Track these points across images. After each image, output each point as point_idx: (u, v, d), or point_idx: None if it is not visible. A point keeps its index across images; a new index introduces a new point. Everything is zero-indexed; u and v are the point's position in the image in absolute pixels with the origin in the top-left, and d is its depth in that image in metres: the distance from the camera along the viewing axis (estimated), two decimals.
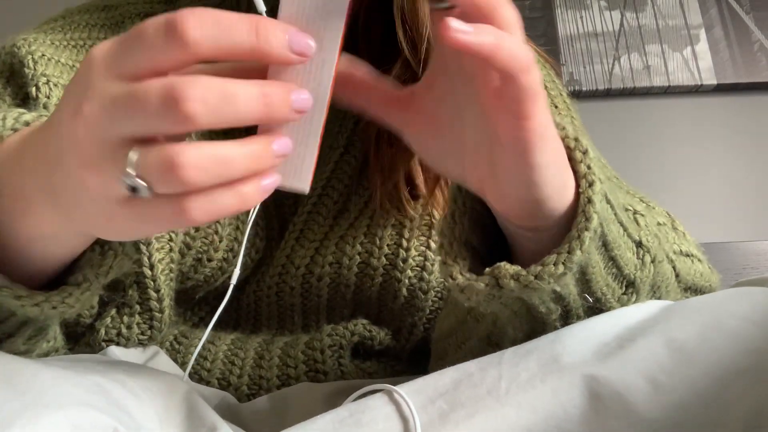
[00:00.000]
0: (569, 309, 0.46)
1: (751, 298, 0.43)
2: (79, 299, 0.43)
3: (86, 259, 0.44)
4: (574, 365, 0.41)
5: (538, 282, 0.41)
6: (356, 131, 0.66)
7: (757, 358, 0.39)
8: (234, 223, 0.63)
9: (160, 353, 0.63)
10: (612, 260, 0.45)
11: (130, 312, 0.61)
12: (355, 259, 0.63)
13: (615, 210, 0.45)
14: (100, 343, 0.61)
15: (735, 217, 1.45)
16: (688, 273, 0.54)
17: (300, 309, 0.66)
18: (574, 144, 0.43)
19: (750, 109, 1.53)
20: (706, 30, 1.55)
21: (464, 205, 0.46)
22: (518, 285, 0.41)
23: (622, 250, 0.46)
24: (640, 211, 0.49)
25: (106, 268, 0.44)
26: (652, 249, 0.48)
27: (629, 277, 0.47)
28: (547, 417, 0.40)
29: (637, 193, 0.66)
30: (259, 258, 0.66)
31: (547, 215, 0.42)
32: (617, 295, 0.47)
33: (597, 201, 0.41)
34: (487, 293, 0.42)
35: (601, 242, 0.44)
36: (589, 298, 0.45)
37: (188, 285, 0.64)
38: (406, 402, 0.42)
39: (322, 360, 0.61)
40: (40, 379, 0.37)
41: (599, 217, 0.41)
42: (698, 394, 0.39)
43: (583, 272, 0.44)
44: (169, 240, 0.59)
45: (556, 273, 0.41)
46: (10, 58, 0.62)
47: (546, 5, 1.57)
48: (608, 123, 1.48)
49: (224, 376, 0.63)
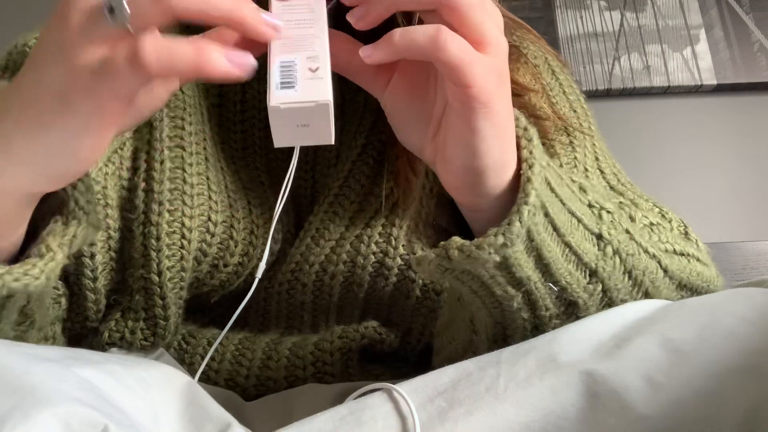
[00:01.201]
0: (533, 298, 0.47)
1: (748, 299, 0.43)
2: (44, 270, 0.43)
3: (49, 229, 0.44)
4: (572, 364, 0.42)
5: (479, 252, 0.43)
6: (374, 131, 0.66)
7: (754, 358, 0.39)
8: (249, 227, 0.63)
9: (165, 355, 0.63)
10: (568, 246, 0.47)
11: (135, 317, 0.61)
12: (370, 259, 0.63)
13: (561, 200, 0.47)
14: (103, 346, 0.61)
15: (735, 217, 1.46)
16: (682, 271, 0.54)
17: (310, 307, 0.66)
18: (522, 132, 0.46)
19: (750, 109, 1.53)
20: (706, 30, 1.55)
21: (431, 191, 0.49)
22: (462, 255, 0.44)
23: (578, 239, 0.47)
24: (608, 208, 0.51)
25: (69, 237, 0.44)
26: (615, 242, 0.49)
27: (590, 265, 0.48)
28: (545, 415, 0.40)
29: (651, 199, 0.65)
30: (274, 259, 0.66)
31: (487, 192, 0.45)
32: (582, 285, 0.48)
33: (535, 181, 0.44)
34: (438, 264, 0.45)
35: (549, 225, 0.46)
36: (553, 287, 0.47)
37: (203, 290, 0.64)
38: (405, 400, 0.42)
39: (330, 362, 0.61)
40: (30, 375, 0.37)
41: (538, 195, 0.44)
42: (695, 393, 0.39)
43: (539, 255, 0.46)
44: (181, 248, 0.59)
45: (495, 243, 0.43)
46: (21, 58, 0.62)
47: (546, 5, 1.57)
48: (608, 123, 1.48)
49: (232, 376, 0.63)
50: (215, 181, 0.62)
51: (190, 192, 0.60)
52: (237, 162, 0.66)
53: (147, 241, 0.58)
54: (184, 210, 0.59)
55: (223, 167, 0.64)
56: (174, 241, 0.59)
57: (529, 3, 1.56)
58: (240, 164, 0.66)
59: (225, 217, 0.62)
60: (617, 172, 0.70)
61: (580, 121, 0.70)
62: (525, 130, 0.46)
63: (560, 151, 0.66)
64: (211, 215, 0.61)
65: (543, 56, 0.73)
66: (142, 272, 0.59)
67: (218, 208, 0.61)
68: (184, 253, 0.59)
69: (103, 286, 0.59)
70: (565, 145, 0.67)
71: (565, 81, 0.73)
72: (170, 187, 0.59)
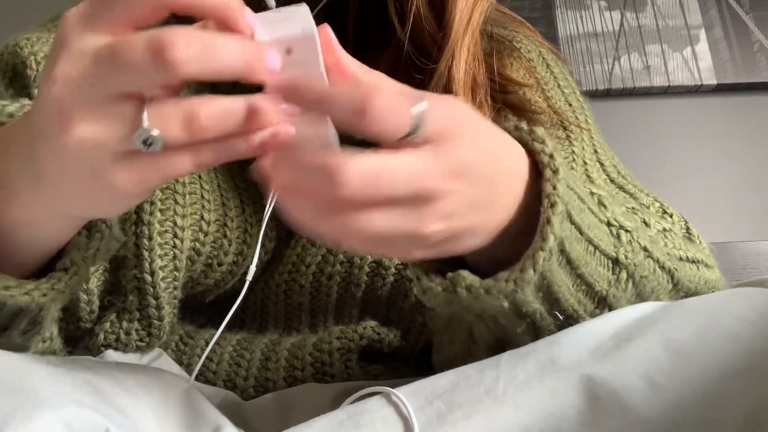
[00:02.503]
0: (538, 325, 0.46)
1: (749, 299, 0.43)
2: (68, 284, 0.44)
3: (73, 243, 0.45)
4: (572, 366, 0.41)
5: (487, 296, 0.42)
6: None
7: (754, 359, 0.39)
8: (242, 226, 0.63)
9: (163, 355, 0.62)
10: (580, 278, 0.46)
11: (129, 317, 0.60)
12: (367, 259, 0.63)
13: (580, 229, 0.45)
14: (98, 347, 0.61)
15: (735, 217, 1.45)
16: (691, 280, 0.54)
17: (308, 308, 0.65)
18: (547, 161, 0.43)
19: (750, 109, 1.52)
20: (706, 30, 1.55)
21: None
22: (470, 296, 0.42)
23: (592, 268, 0.46)
24: (627, 227, 0.49)
25: (93, 251, 0.45)
26: (632, 266, 0.48)
27: (601, 293, 0.47)
28: (545, 417, 0.40)
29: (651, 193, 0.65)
30: (269, 259, 0.65)
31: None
32: (589, 311, 0.47)
33: (556, 223, 0.42)
34: (444, 297, 0.43)
35: (564, 259, 0.44)
36: (559, 316, 0.46)
37: (198, 290, 0.63)
38: (403, 403, 0.42)
39: (329, 363, 0.61)
40: (32, 378, 0.37)
41: (557, 237, 0.42)
42: (696, 394, 0.39)
43: (548, 291, 0.44)
44: (173, 247, 0.59)
45: (506, 290, 0.42)
46: (12, 59, 0.62)
47: (546, 5, 1.57)
48: (608, 123, 1.48)
49: (230, 377, 0.63)
50: (207, 180, 0.62)
51: (182, 191, 0.59)
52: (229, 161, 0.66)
53: (139, 240, 0.58)
54: (176, 209, 0.59)
55: (215, 167, 0.64)
56: (166, 240, 0.58)
57: (529, 3, 1.56)
58: (232, 163, 0.66)
59: (218, 216, 0.61)
60: (616, 164, 0.69)
61: (576, 114, 0.70)
62: (551, 157, 0.43)
63: (557, 145, 0.65)
64: (204, 214, 0.60)
65: (537, 50, 0.73)
66: (135, 272, 0.58)
67: (211, 207, 0.61)
68: (177, 252, 0.59)
69: (96, 287, 0.59)
70: (562, 140, 0.66)
71: (560, 74, 0.72)
72: (162, 187, 0.59)
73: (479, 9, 0.60)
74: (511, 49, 0.69)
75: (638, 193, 0.65)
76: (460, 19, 0.59)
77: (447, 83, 0.59)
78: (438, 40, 0.60)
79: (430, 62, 0.60)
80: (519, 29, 0.73)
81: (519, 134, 0.45)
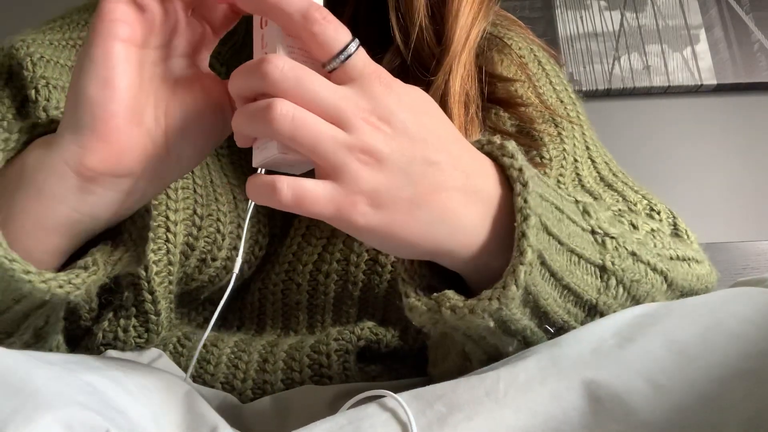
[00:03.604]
0: (529, 341, 0.46)
1: (751, 299, 0.42)
2: (85, 282, 0.45)
3: (99, 247, 0.46)
4: (573, 367, 0.41)
5: (472, 316, 0.42)
6: None
7: (758, 361, 0.39)
8: (236, 221, 0.63)
9: (162, 356, 0.62)
10: (567, 288, 0.46)
11: (126, 315, 0.60)
12: (363, 256, 0.63)
13: (560, 240, 0.45)
14: (98, 347, 0.60)
15: (735, 217, 1.45)
16: (684, 278, 0.54)
17: (306, 307, 0.65)
18: (516, 175, 0.43)
19: (750, 109, 1.52)
20: (706, 30, 1.54)
21: None
22: (454, 316, 0.43)
23: (578, 277, 0.46)
24: (612, 234, 0.49)
25: (115, 259, 0.46)
26: (620, 271, 0.48)
27: (591, 302, 0.47)
28: (546, 420, 0.39)
29: (640, 190, 0.65)
30: (263, 255, 0.65)
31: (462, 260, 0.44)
32: (580, 319, 0.47)
33: (531, 236, 0.42)
34: (429, 317, 0.44)
35: (547, 272, 0.44)
36: (550, 329, 0.46)
37: (193, 286, 0.63)
38: (403, 407, 0.41)
39: (327, 364, 0.61)
40: (32, 379, 0.37)
41: (534, 250, 0.42)
42: (699, 396, 0.39)
43: (536, 305, 0.44)
44: (167, 241, 0.59)
45: (490, 308, 0.42)
46: (8, 60, 0.62)
47: (546, 5, 1.57)
48: (608, 123, 1.48)
49: (228, 380, 0.62)
50: (200, 174, 0.62)
51: (174, 186, 0.60)
52: (221, 156, 0.66)
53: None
54: (168, 204, 0.59)
55: (208, 161, 0.64)
56: (159, 234, 0.59)
57: (529, 3, 1.56)
58: (224, 158, 0.65)
59: (211, 210, 0.61)
60: (608, 161, 0.69)
61: (567, 110, 0.70)
62: (520, 171, 0.43)
63: (549, 143, 0.65)
64: (196, 209, 0.60)
65: (528, 47, 0.73)
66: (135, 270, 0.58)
67: (203, 201, 0.61)
68: (170, 246, 0.59)
69: None
70: (554, 137, 0.66)
71: (552, 71, 0.72)
72: None
73: (478, 28, 0.61)
74: (502, 46, 0.69)
75: (626, 191, 0.65)
76: (459, 36, 0.60)
77: (443, 96, 0.59)
78: (437, 53, 0.60)
79: (427, 74, 0.60)
80: (511, 27, 0.73)
81: (490, 149, 0.45)
